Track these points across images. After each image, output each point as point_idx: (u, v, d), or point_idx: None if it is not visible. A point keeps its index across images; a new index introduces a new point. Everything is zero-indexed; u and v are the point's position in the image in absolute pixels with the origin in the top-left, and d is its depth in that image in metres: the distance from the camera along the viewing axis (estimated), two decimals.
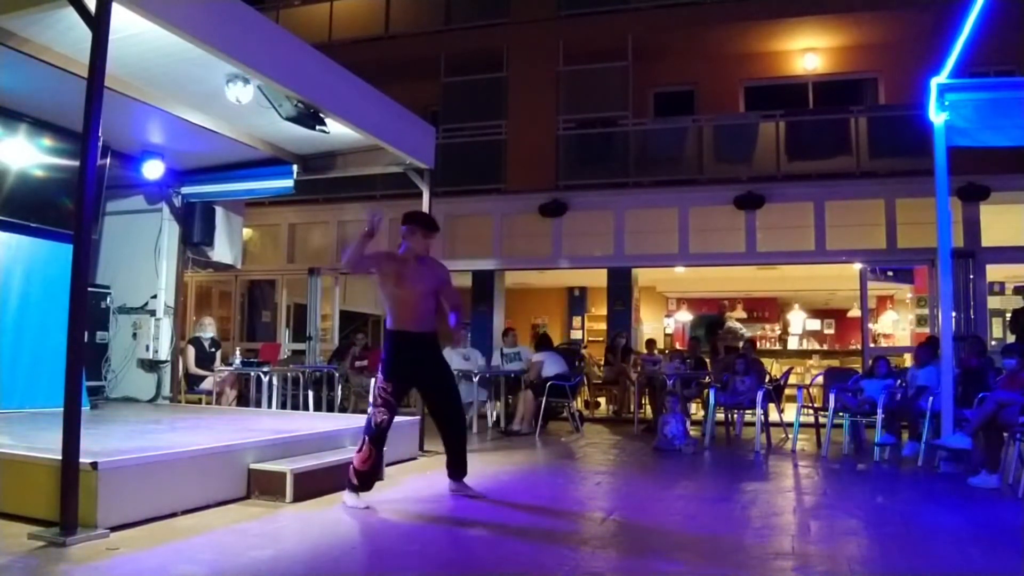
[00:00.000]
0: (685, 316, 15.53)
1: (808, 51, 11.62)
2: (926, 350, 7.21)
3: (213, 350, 8.49)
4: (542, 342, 9.43)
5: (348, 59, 6.33)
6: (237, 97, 5.29)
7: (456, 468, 4.66)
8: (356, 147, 6.95)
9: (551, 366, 8.65)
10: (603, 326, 12.75)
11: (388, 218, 11.32)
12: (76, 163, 3.90)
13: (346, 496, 4.31)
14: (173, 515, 3.85)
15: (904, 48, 10.63)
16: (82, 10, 3.58)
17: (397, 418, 4.83)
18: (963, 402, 6.16)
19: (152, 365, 7.84)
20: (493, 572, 3.24)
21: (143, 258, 7.90)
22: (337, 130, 6.07)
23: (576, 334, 15.37)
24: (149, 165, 7.15)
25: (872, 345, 10.66)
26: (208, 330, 8.60)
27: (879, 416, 6.70)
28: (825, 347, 14.15)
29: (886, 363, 7.43)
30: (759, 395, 7.47)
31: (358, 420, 6.59)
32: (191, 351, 8.28)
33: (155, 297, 7.86)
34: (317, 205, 11.69)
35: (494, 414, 9.06)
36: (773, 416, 7.97)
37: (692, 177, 10.83)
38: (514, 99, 11.80)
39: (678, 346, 13.38)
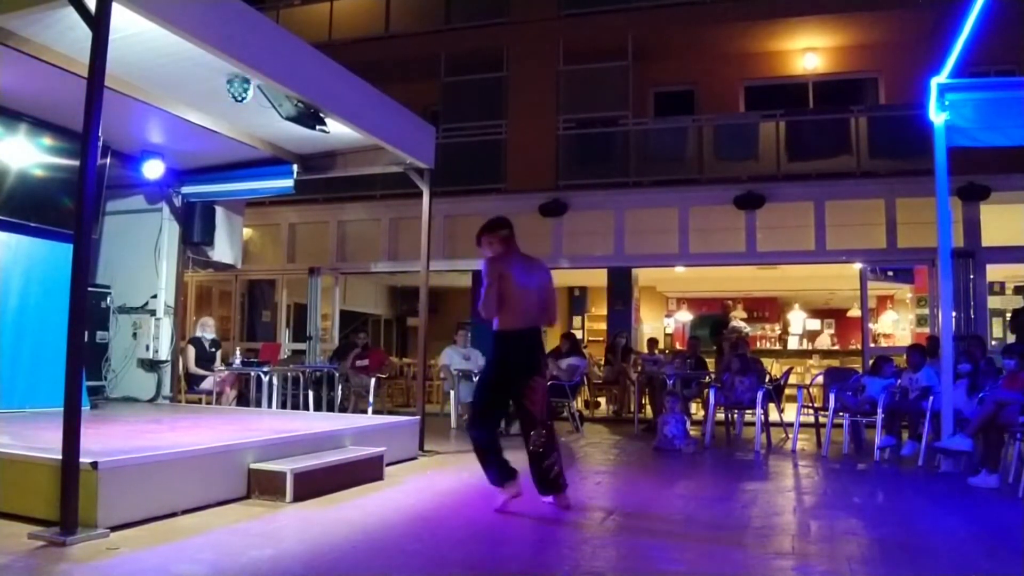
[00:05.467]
0: (685, 316, 15.54)
1: (808, 51, 11.63)
2: (918, 353, 7.20)
3: (213, 350, 8.49)
4: (573, 345, 9.34)
5: (348, 59, 6.32)
6: (237, 96, 5.29)
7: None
8: (356, 147, 6.95)
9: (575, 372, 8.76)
10: (603, 326, 12.74)
11: (388, 217, 11.52)
12: (76, 163, 3.89)
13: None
14: (173, 515, 3.85)
15: (904, 48, 10.63)
16: (82, 10, 3.58)
17: (396, 417, 4.83)
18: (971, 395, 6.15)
19: (152, 365, 7.84)
20: (493, 571, 3.24)
21: (143, 258, 7.90)
22: (337, 130, 6.07)
23: (576, 334, 15.34)
24: (149, 165, 7.15)
25: (872, 345, 10.66)
26: (209, 331, 8.60)
27: (879, 416, 6.70)
28: (824, 347, 14.13)
29: (892, 364, 7.42)
30: (759, 395, 7.47)
31: (358, 420, 6.62)
32: (191, 351, 8.28)
33: (155, 297, 7.86)
34: (317, 205, 11.69)
35: None
36: (773, 416, 7.97)
37: (692, 177, 10.84)
38: (514, 99, 11.80)
39: (678, 346, 13.37)
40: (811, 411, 8.27)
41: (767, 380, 8.24)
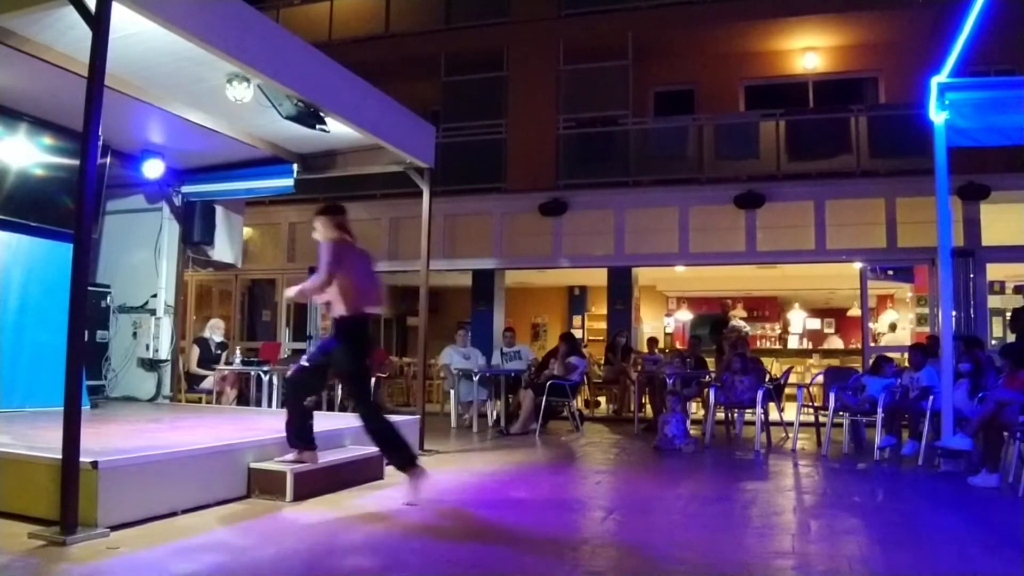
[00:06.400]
0: (685, 315, 15.54)
1: (808, 50, 11.63)
2: (919, 353, 7.20)
3: (219, 352, 8.50)
4: (573, 345, 9.37)
5: (348, 58, 6.32)
6: (237, 96, 5.29)
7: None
8: (356, 146, 6.95)
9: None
10: (603, 325, 12.76)
11: (388, 217, 11.51)
12: (76, 162, 3.89)
13: None
14: (173, 514, 3.85)
15: (904, 47, 10.63)
16: (82, 9, 3.58)
17: (396, 417, 4.81)
18: (973, 395, 6.16)
19: (152, 364, 7.84)
20: (494, 571, 3.23)
21: (143, 257, 7.90)
22: (337, 129, 6.07)
23: (576, 333, 15.36)
24: (149, 164, 7.15)
25: (872, 344, 10.66)
26: (218, 333, 8.63)
27: (879, 415, 6.70)
28: (825, 346, 14.14)
29: (892, 364, 7.41)
30: (759, 394, 7.47)
31: (358, 420, 6.60)
32: (195, 350, 8.29)
33: (155, 296, 7.86)
34: (317, 204, 11.66)
35: (494, 413, 9.06)
36: (773, 415, 7.97)
37: (692, 176, 10.83)
38: (514, 98, 11.80)
39: (678, 345, 13.37)
40: (811, 410, 8.28)
41: (767, 379, 8.24)
